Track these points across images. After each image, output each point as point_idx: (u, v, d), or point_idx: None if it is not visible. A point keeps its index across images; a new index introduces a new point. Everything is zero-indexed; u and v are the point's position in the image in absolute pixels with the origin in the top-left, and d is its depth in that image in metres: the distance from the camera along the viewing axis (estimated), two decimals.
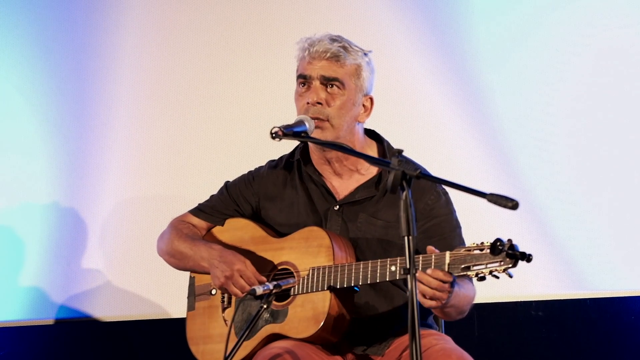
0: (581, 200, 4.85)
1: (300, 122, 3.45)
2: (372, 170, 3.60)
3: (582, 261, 4.83)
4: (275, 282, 3.43)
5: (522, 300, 4.91)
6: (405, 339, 3.49)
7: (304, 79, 3.55)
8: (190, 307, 3.71)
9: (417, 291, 3.21)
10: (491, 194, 2.83)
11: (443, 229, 3.52)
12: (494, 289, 4.75)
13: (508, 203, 2.81)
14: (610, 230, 4.83)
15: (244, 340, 3.36)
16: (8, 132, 5.14)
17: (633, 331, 4.88)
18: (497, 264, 3.12)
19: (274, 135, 3.37)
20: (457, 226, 3.56)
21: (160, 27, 5.12)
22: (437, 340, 3.42)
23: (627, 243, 4.81)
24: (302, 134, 3.43)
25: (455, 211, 3.57)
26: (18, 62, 5.15)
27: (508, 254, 3.09)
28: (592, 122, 4.87)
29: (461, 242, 3.53)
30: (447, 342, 3.44)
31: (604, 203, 4.84)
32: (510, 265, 3.12)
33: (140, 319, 5.05)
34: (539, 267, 4.78)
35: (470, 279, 3.45)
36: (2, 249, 5.10)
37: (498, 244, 3.08)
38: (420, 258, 3.25)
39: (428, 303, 3.23)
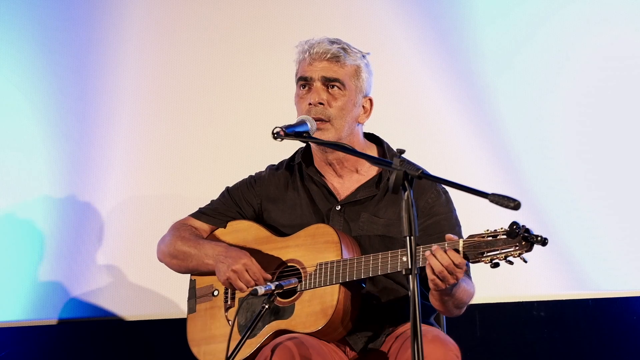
0: (583, 201, 4.85)
1: (302, 122, 3.46)
2: (372, 171, 3.61)
3: (584, 261, 4.83)
4: (277, 282, 3.43)
5: (524, 300, 4.91)
6: (400, 330, 3.50)
7: (304, 81, 3.56)
8: (191, 309, 3.71)
9: (427, 266, 3.22)
10: (493, 194, 2.83)
11: (442, 227, 3.52)
12: (495, 289, 4.77)
13: (510, 203, 2.81)
14: (612, 231, 4.83)
15: (246, 340, 3.36)
16: (10, 131, 5.15)
17: (635, 331, 4.88)
18: (512, 249, 3.14)
19: (275, 135, 3.37)
20: (456, 224, 3.57)
21: (162, 25, 5.12)
22: (425, 328, 3.42)
23: (629, 243, 4.81)
24: (304, 134, 3.43)
25: (455, 210, 3.60)
26: (19, 61, 5.15)
27: (524, 237, 3.10)
28: (595, 123, 4.88)
29: None
30: (429, 327, 3.47)
31: (606, 203, 4.84)
32: (525, 249, 3.12)
33: (142, 319, 5.05)
34: (541, 268, 4.78)
35: (469, 276, 3.46)
36: (4, 248, 5.11)
37: (515, 227, 3.09)
38: (434, 246, 3.25)
39: (433, 279, 3.23)
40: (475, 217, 4.11)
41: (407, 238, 2.89)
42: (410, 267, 2.87)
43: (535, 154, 4.89)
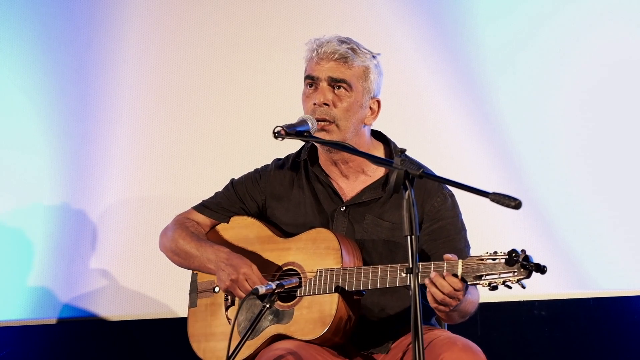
0: (584, 200, 4.85)
1: (302, 122, 3.45)
2: (379, 172, 3.60)
3: (585, 260, 4.83)
4: (277, 282, 3.43)
5: (525, 299, 4.91)
6: (409, 336, 3.49)
7: (311, 80, 3.54)
8: (192, 303, 3.71)
9: (425, 292, 3.22)
10: (494, 194, 2.83)
11: (448, 232, 3.52)
12: None
13: (511, 202, 2.81)
14: (613, 230, 4.83)
15: (246, 340, 3.36)
16: (11, 132, 5.15)
17: (636, 330, 4.88)
18: (511, 275, 3.12)
19: (276, 134, 3.36)
20: (462, 229, 3.56)
21: (163, 25, 5.12)
22: (442, 332, 3.44)
23: (630, 242, 4.81)
24: (305, 134, 3.43)
25: (460, 214, 3.58)
26: (20, 61, 5.15)
27: (523, 265, 3.10)
28: (597, 122, 4.88)
29: (466, 245, 3.54)
30: (452, 334, 3.45)
31: (607, 202, 4.84)
32: (524, 277, 3.12)
33: (143, 318, 5.05)
34: None
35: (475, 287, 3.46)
36: (5, 248, 5.11)
37: (513, 254, 3.08)
38: (432, 266, 3.24)
39: (435, 306, 3.24)
40: (478, 218, 4.12)
41: (408, 237, 2.89)
42: (410, 266, 2.87)
43: (537, 153, 4.89)
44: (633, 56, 4.87)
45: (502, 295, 4.79)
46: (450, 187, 3.54)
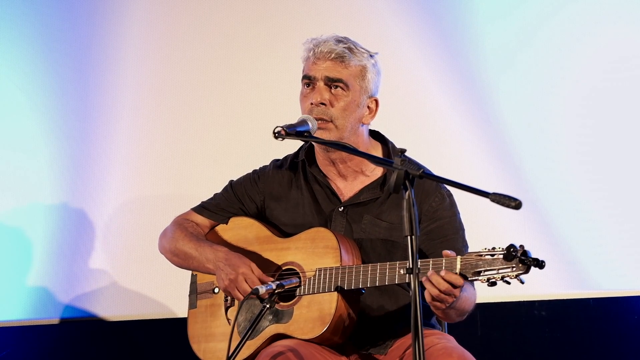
0: (584, 200, 4.85)
1: (302, 122, 3.45)
2: (377, 172, 3.60)
3: (585, 261, 4.83)
4: (278, 282, 3.43)
5: (525, 299, 4.91)
6: (407, 338, 3.50)
7: (308, 80, 3.55)
8: (192, 304, 3.71)
9: (424, 291, 3.22)
10: (494, 194, 2.83)
11: (446, 231, 3.52)
12: (496, 288, 4.76)
13: (511, 202, 2.81)
14: (614, 230, 4.83)
15: (246, 340, 3.36)
16: (11, 132, 5.15)
17: (636, 331, 4.88)
18: (510, 270, 3.13)
19: (276, 134, 3.37)
20: (460, 228, 3.56)
21: (164, 25, 5.12)
22: (439, 339, 3.43)
23: (631, 242, 4.81)
24: (305, 134, 3.43)
25: (459, 213, 3.58)
26: (21, 62, 5.15)
27: (521, 260, 3.10)
28: (597, 122, 4.88)
29: (464, 245, 3.54)
30: (449, 341, 3.44)
31: (608, 202, 4.84)
32: (522, 272, 3.12)
33: (144, 318, 5.05)
34: None
35: (472, 283, 3.46)
36: (6, 248, 5.11)
37: (512, 249, 3.08)
38: (431, 262, 3.24)
39: (433, 304, 3.24)
40: (478, 218, 4.12)
41: (408, 237, 2.89)
42: (411, 266, 2.87)
43: (537, 153, 4.89)
44: (633, 57, 4.87)
45: (502, 295, 4.82)
46: (450, 187, 3.54)
